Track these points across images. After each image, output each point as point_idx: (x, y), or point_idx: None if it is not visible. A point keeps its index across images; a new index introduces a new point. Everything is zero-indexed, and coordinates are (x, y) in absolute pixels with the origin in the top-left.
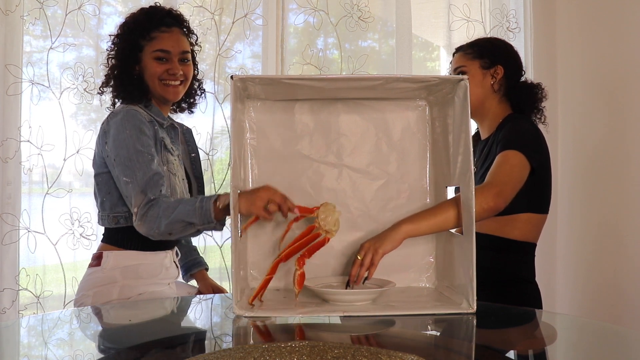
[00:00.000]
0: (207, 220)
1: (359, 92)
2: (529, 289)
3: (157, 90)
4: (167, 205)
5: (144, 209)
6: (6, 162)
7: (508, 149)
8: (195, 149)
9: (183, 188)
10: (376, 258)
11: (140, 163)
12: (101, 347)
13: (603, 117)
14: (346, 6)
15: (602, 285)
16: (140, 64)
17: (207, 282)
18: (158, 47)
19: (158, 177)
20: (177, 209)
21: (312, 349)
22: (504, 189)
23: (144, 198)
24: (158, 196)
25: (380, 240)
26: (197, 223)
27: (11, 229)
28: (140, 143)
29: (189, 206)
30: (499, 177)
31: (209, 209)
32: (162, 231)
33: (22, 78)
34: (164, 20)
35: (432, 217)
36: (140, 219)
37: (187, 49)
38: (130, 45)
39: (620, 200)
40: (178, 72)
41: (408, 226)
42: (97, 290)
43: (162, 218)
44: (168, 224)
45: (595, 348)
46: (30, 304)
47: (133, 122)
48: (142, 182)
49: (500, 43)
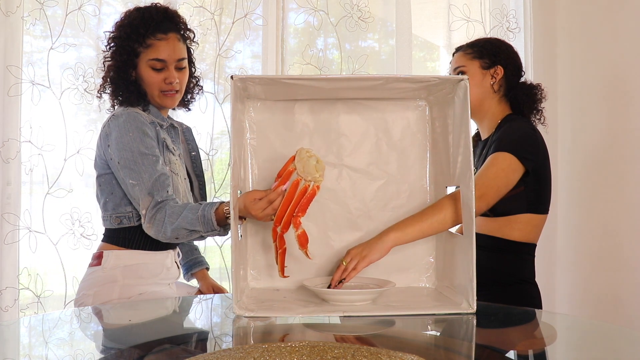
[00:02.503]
0: (211, 228)
1: (359, 92)
2: (529, 289)
3: (155, 98)
4: (172, 210)
5: (151, 211)
6: (7, 162)
7: (500, 150)
8: (195, 148)
9: (185, 187)
10: (361, 265)
11: (145, 165)
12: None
13: (603, 117)
14: (346, 6)
15: (602, 285)
16: (137, 69)
17: (208, 281)
18: (154, 55)
19: (164, 177)
20: (181, 216)
21: (312, 349)
22: (487, 192)
23: (151, 200)
24: (165, 198)
25: (367, 249)
26: (201, 230)
27: (12, 228)
28: (144, 145)
29: (192, 214)
30: (483, 180)
31: (210, 218)
32: (168, 236)
33: (22, 78)
34: (160, 26)
35: (418, 223)
36: (148, 222)
37: (183, 55)
38: (127, 51)
39: (620, 200)
40: (174, 80)
41: (396, 234)
42: (98, 289)
43: (168, 224)
44: (173, 229)
45: (595, 348)
46: (31, 304)
47: (135, 124)
48: (148, 184)
49: (501, 43)
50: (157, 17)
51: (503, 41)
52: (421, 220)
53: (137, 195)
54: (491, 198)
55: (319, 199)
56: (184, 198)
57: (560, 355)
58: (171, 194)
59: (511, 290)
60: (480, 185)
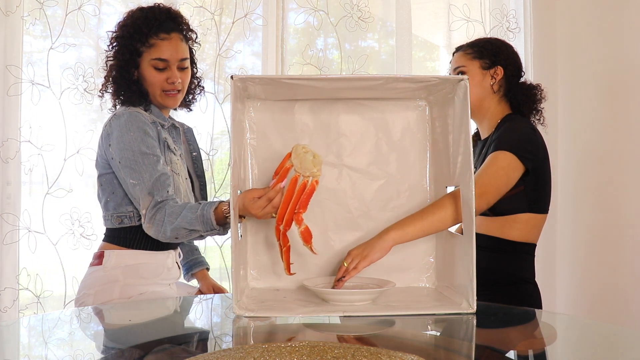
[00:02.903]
0: (210, 227)
1: (359, 92)
2: (529, 289)
3: (157, 98)
4: (171, 210)
5: (151, 211)
6: (7, 162)
7: (499, 149)
8: (196, 148)
9: (186, 187)
10: (362, 264)
11: (146, 165)
12: (101, 347)
13: (603, 117)
14: (346, 6)
15: (602, 285)
16: (139, 69)
17: (208, 281)
18: (156, 55)
19: (164, 177)
20: (180, 216)
21: (312, 349)
22: (487, 190)
23: (151, 200)
24: (165, 198)
25: (368, 248)
26: (200, 230)
27: (12, 228)
28: (145, 145)
29: (191, 214)
30: (483, 179)
31: (209, 217)
32: (168, 236)
33: (22, 78)
34: (163, 26)
35: (419, 221)
36: (148, 221)
37: (186, 55)
38: (129, 50)
39: (620, 200)
40: (177, 80)
41: (396, 232)
42: (99, 289)
43: (167, 224)
44: (173, 229)
45: (595, 348)
46: (30, 304)
47: (137, 124)
48: (149, 184)
49: (501, 44)
50: (160, 17)
51: (503, 41)
52: (422, 219)
53: (138, 194)
54: (491, 196)
55: (319, 199)
56: (185, 198)
57: (560, 355)
58: (171, 193)
59: (511, 290)
60: (480, 184)
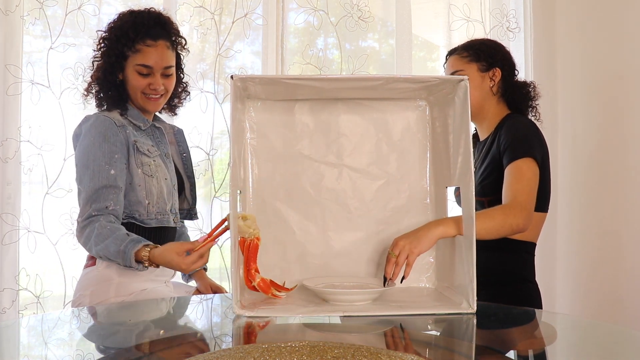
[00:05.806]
0: (129, 264)
1: (359, 92)
2: (529, 288)
3: (138, 101)
4: (100, 231)
5: (82, 223)
6: (6, 162)
7: (519, 157)
8: (186, 149)
9: (168, 188)
10: (411, 258)
11: (93, 172)
12: (101, 347)
13: (603, 117)
14: (346, 6)
15: (602, 285)
16: (124, 72)
17: (206, 281)
18: (141, 61)
19: (108, 190)
20: (105, 242)
21: (312, 349)
22: (527, 207)
23: (86, 211)
24: (100, 212)
25: (416, 240)
26: (120, 263)
27: (11, 228)
28: (101, 150)
29: (114, 246)
30: (523, 197)
31: (130, 257)
32: (94, 254)
33: (22, 78)
34: (150, 32)
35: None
36: (79, 232)
37: (171, 63)
38: (115, 53)
39: (620, 199)
40: (159, 87)
41: (444, 228)
42: (94, 289)
43: (93, 244)
44: (97, 251)
45: (595, 348)
46: (30, 304)
47: (99, 128)
48: (89, 192)
49: (495, 44)
50: (149, 23)
51: (496, 42)
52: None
53: (79, 201)
54: (532, 210)
55: (319, 199)
56: (160, 200)
57: (560, 355)
58: (112, 207)
59: (511, 289)
60: (524, 204)
